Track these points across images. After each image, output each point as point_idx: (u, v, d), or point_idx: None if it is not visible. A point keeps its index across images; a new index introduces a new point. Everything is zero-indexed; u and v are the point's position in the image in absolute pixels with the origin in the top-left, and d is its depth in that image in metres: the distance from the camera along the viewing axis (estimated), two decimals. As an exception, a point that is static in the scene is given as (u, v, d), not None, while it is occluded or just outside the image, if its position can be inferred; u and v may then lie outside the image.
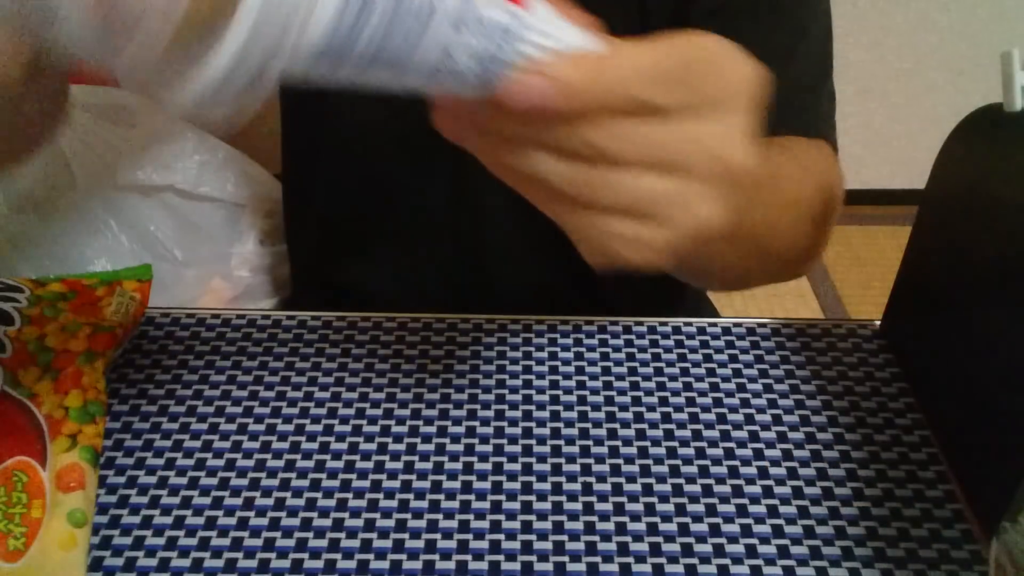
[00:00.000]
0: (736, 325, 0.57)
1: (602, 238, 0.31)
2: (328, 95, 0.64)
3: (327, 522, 0.45)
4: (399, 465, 0.48)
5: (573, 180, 0.30)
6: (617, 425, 0.51)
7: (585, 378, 0.54)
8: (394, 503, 0.46)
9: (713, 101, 0.30)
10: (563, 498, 0.47)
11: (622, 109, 0.29)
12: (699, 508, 0.46)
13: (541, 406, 0.52)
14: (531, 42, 0.28)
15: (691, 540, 0.45)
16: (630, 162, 0.29)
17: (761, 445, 0.50)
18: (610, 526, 0.45)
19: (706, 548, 0.44)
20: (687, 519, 0.46)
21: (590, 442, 0.50)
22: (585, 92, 0.28)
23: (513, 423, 0.51)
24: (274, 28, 0.23)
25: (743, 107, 0.31)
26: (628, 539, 0.45)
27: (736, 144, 0.31)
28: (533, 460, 0.49)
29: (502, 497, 0.47)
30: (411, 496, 0.47)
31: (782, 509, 0.46)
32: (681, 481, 0.47)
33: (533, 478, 0.48)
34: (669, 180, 0.30)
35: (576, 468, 0.48)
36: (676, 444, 0.50)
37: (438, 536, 0.45)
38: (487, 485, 0.47)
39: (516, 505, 0.46)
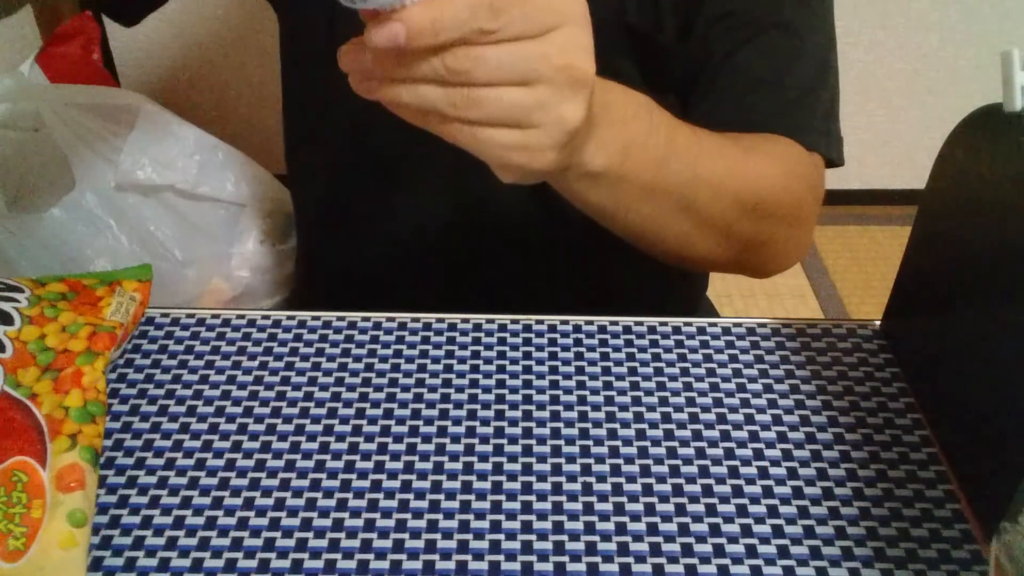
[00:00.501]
0: (736, 325, 0.58)
1: (494, 150, 0.39)
2: (333, 73, 0.65)
3: (327, 522, 0.45)
4: (399, 465, 0.48)
5: (451, 101, 0.37)
6: (617, 425, 0.51)
7: (585, 378, 0.54)
8: (394, 503, 0.46)
9: (547, 23, 0.37)
10: (563, 498, 0.47)
11: (468, 38, 0.36)
12: (699, 508, 0.46)
13: (541, 406, 0.52)
14: None
15: (691, 540, 0.45)
16: (490, 80, 0.37)
17: (761, 445, 0.50)
18: (610, 526, 0.45)
19: (706, 548, 0.44)
20: (687, 519, 0.46)
21: (590, 442, 0.50)
22: (431, 27, 0.35)
23: (513, 423, 0.51)
24: None
25: (575, 26, 0.38)
26: (628, 539, 0.45)
27: (575, 55, 0.38)
28: (533, 460, 0.49)
29: (502, 497, 0.47)
30: (411, 496, 0.47)
31: (782, 509, 0.46)
32: (681, 481, 0.47)
33: (533, 478, 0.48)
34: (527, 90, 0.38)
35: (576, 468, 0.48)
36: (676, 444, 0.50)
37: (438, 536, 0.45)
38: (487, 485, 0.47)
39: (516, 505, 0.46)
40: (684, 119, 0.52)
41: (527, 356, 0.55)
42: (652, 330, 0.57)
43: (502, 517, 0.46)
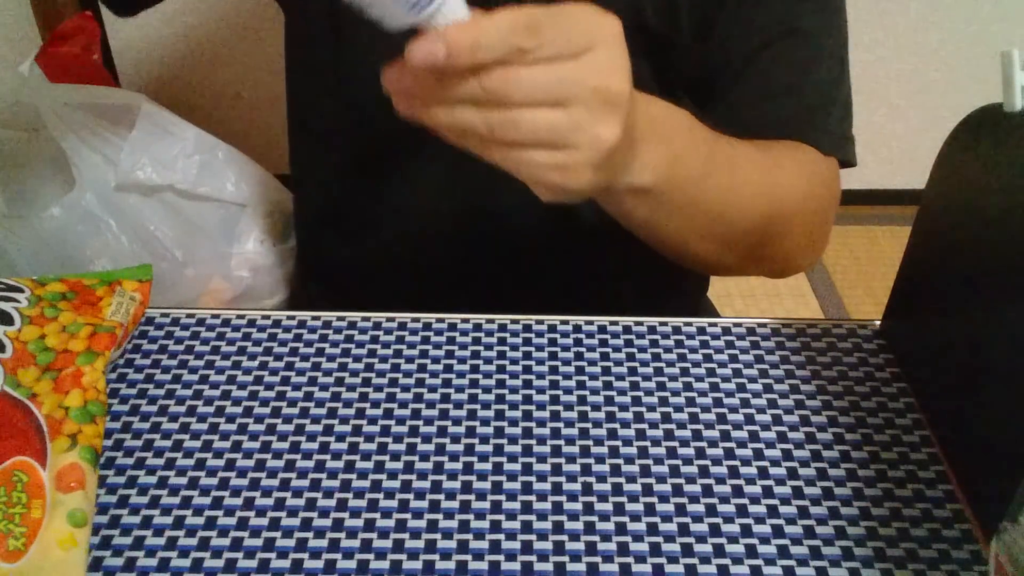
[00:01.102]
0: (736, 325, 0.58)
1: (532, 170, 0.40)
2: (338, 67, 0.65)
3: (327, 522, 0.45)
4: (399, 465, 0.48)
5: (488, 122, 0.38)
6: (617, 425, 0.51)
7: (585, 378, 0.54)
8: (394, 503, 0.46)
9: (582, 45, 0.37)
10: (563, 498, 0.47)
11: (505, 57, 0.36)
12: (699, 508, 0.46)
13: (541, 406, 0.52)
14: (443, 13, 0.36)
15: (691, 540, 0.45)
16: (526, 101, 0.37)
17: (761, 445, 0.50)
18: (610, 526, 0.45)
19: (706, 548, 0.44)
20: (687, 519, 0.46)
21: (590, 442, 0.50)
22: (469, 47, 0.35)
23: (513, 423, 0.51)
24: None
25: (609, 47, 0.38)
26: (628, 539, 0.45)
27: (610, 75, 0.38)
28: (533, 460, 0.49)
29: (502, 497, 0.47)
30: (411, 496, 0.47)
31: (782, 509, 0.46)
32: (681, 481, 0.47)
33: (533, 478, 0.48)
34: (563, 111, 0.38)
35: (576, 468, 0.48)
36: (676, 444, 0.50)
37: (438, 536, 0.45)
38: (487, 485, 0.47)
39: (516, 505, 0.46)
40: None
41: (527, 356, 0.55)
42: (652, 330, 0.57)
43: (502, 517, 0.46)
